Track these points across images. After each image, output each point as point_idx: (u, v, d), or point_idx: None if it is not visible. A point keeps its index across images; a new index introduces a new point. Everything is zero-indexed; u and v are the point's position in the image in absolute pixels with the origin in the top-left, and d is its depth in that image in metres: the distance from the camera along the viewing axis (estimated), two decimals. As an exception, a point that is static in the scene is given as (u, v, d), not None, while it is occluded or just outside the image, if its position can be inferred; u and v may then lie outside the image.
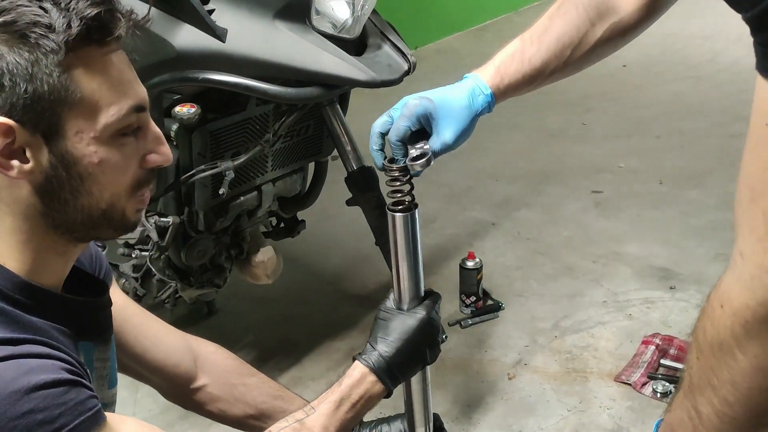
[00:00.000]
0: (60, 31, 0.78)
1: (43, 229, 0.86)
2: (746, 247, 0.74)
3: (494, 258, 2.68)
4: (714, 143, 3.51)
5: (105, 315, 1.01)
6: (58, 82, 0.79)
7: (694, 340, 0.82)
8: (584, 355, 2.16)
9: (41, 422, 0.76)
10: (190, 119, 1.64)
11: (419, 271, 1.09)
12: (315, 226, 2.51)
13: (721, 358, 0.78)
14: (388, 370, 1.03)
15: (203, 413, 1.28)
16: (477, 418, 1.95)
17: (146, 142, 0.89)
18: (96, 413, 0.81)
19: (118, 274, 2.00)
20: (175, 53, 1.59)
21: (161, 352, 1.20)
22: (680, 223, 2.85)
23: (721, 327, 0.77)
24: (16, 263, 0.86)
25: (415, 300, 1.09)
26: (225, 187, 1.78)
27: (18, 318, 0.82)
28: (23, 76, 0.78)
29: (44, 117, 0.80)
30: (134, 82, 0.87)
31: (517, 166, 3.49)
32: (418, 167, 1.04)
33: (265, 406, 1.27)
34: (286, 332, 2.36)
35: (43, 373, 0.78)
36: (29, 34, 0.78)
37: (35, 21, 0.78)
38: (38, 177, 0.83)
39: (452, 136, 1.04)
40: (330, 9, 1.66)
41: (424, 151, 1.04)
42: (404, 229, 1.06)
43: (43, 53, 0.78)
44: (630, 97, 4.30)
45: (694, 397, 0.83)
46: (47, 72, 0.78)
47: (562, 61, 1.09)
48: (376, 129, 1.08)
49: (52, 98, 0.79)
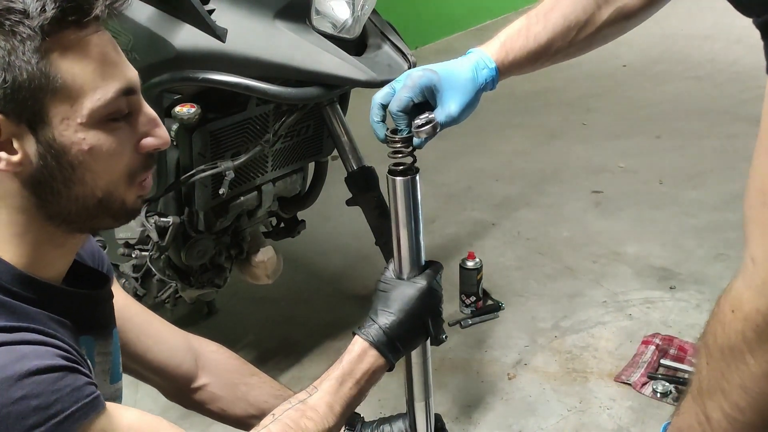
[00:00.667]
0: (35, 15, 0.75)
1: (39, 221, 0.84)
2: (758, 252, 0.73)
3: (494, 258, 2.68)
4: (714, 143, 3.51)
5: (106, 308, 1.00)
6: (38, 69, 0.77)
7: (704, 344, 0.81)
8: (584, 355, 2.16)
9: (36, 408, 0.74)
10: (190, 119, 1.64)
11: (420, 239, 1.07)
12: (315, 226, 2.51)
13: (731, 363, 0.77)
14: (389, 343, 1.00)
15: (204, 412, 1.27)
16: (477, 418, 1.95)
17: (140, 125, 0.86)
18: (93, 400, 0.79)
19: (118, 274, 1.99)
20: (175, 53, 1.59)
21: (163, 352, 1.20)
22: (680, 223, 2.85)
23: (732, 331, 0.76)
24: (14, 256, 0.84)
25: (415, 269, 1.07)
26: (225, 187, 1.78)
27: (15, 308, 0.81)
28: (1, 66, 0.76)
29: (27, 106, 0.77)
30: (120, 64, 0.84)
31: (517, 166, 3.49)
32: (424, 134, 1.01)
33: (267, 406, 1.27)
34: (286, 332, 2.36)
35: (37, 359, 0.76)
36: (3, 22, 0.75)
37: (8, 7, 0.75)
38: (28, 168, 0.81)
39: (457, 108, 1.03)
40: (330, 9, 1.66)
41: (429, 119, 1.02)
42: (405, 194, 1.04)
43: (20, 40, 0.75)
44: (630, 97, 4.31)
45: (703, 402, 0.82)
46: (25, 59, 0.76)
47: (567, 41, 1.08)
48: (377, 100, 1.05)
49: (33, 86, 0.77)
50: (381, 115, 1.05)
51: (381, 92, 1.05)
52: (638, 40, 5.41)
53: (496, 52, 1.07)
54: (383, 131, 1.05)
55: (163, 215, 1.82)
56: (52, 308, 0.85)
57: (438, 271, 1.08)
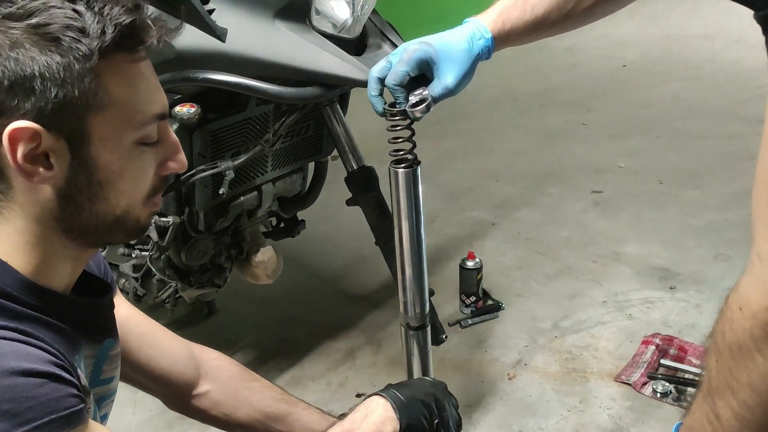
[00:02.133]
0: (94, 36, 0.76)
1: (55, 233, 0.84)
2: (765, 249, 0.73)
3: (494, 258, 2.68)
4: (714, 143, 3.51)
5: (106, 317, 1.00)
6: (89, 88, 0.78)
7: (713, 342, 0.81)
8: (584, 355, 2.16)
9: (6, 413, 0.70)
10: (190, 119, 1.64)
11: (421, 230, 1.10)
12: (315, 226, 2.51)
13: (740, 361, 0.77)
14: (406, 409, 1.02)
15: (207, 420, 1.26)
16: (477, 418, 1.95)
17: (164, 149, 0.88)
18: (71, 414, 0.75)
19: (118, 274, 2.00)
20: (175, 53, 1.59)
21: (165, 360, 1.19)
22: (680, 223, 2.86)
23: (740, 330, 0.76)
24: (23, 263, 0.83)
25: (416, 251, 1.11)
26: (225, 187, 1.78)
27: (12, 310, 0.80)
28: (54, 81, 0.76)
29: (70, 122, 0.78)
30: (158, 90, 0.87)
31: (517, 166, 3.49)
32: (418, 113, 1.03)
33: (270, 410, 1.26)
34: (286, 332, 2.36)
35: (16, 359, 0.73)
36: (62, 38, 0.76)
37: (68, 24, 0.76)
38: (59, 182, 0.81)
39: (454, 80, 1.03)
40: (330, 9, 1.65)
41: (423, 97, 1.03)
42: (406, 185, 1.07)
43: (75, 58, 0.76)
44: (630, 97, 4.31)
45: (713, 401, 0.82)
46: (78, 77, 0.77)
47: (563, 13, 1.08)
48: (374, 74, 1.05)
49: (80, 104, 0.78)
50: (378, 89, 1.06)
51: (377, 66, 1.06)
52: (638, 40, 5.42)
53: (492, 22, 1.08)
54: (381, 105, 1.06)
55: (163, 215, 1.82)
56: (53, 314, 0.85)
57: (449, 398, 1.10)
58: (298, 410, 1.28)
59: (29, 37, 0.75)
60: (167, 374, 1.19)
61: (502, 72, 4.87)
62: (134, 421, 1.94)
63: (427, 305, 1.21)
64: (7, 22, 0.76)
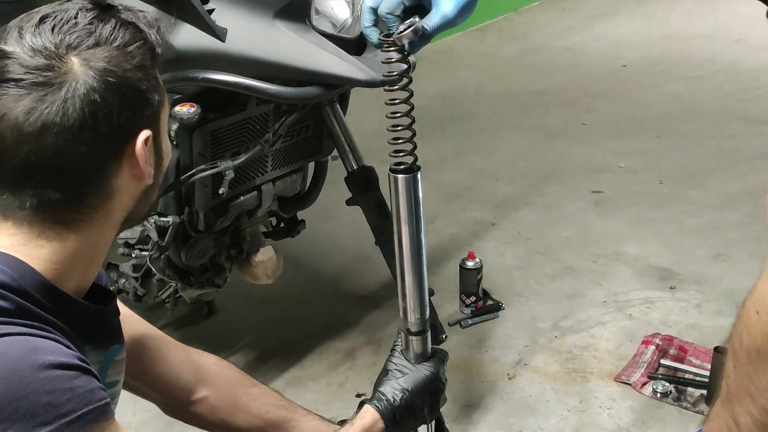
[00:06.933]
0: (156, 46, 0.92)
1: (113, 234, 0.92)
2: None
3: (494, 258, 2.68)
4: (714, 143, 3.51)
5: (113, 323, 1.01)
6: (161, 87, 0.92)
7: (731, 347, 0.80)
8: (584, 355, 2.16)
9: (47, 405, 0.72)
10: (190, 119, 1.64)
11: (421, 237, 1.10)
12: (315, 226, 2.51)
13: (758, 366, 0.75)
14: (394, 418, 1.12)
15: (205, 426, 1.26)
16: (477, 418, 1.95)
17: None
18: (105, 405, 0.78)
19: (118, 274, 1.99)
20: (175, 53, 1.59)
21: (162, 366, 1.19)
22: (680, 223, 2.85)
23: (758, 334, 0.74)
24: (42, 263, 0.84)
25: (416, 257, 1.11)
26: (225, 186, 1.78)
27: (32, 312, 0.81)
28: (156, 89, 0.90)
29: (156, 120, 0.91)
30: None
31: (517, 166, 3.49)
32: (405, 39, 0.98)
33: (269, 416, 1.26)
34: (286, 332, 2.36)
35: (51, 354, 0.75)
36: (156, 49, 0.91)
37: (158, 41, 0.91)
38: (151, 178, 0.91)
39: (453, 8, 0.96)
40: (330, 9, 1.66)
41: (410, 23, 0.98)
42: (406, 192, 1.07)
43: (158, 65, 0.92)
44: (630, 97, 4.31)
45: (732, 407, 0.80)
46: (156, 80, 0.91)
47: None
48: (368, 4, 1.01)
49: (160, 102, 0.91)
50: (372, 19, 1.02)
51: None
52: (638, 40, 5.42)
53: None
54: (376, 35, 1.02)
55: (163, 215, 1.82)
56: (65, 319, 0.85)
57: (445, 361, 1.17)
58: (297, 416, 1.28)
59: (125, 58, 0.86)
60: (163, 380, 1.19)
61: (502, 72, 4.87)
62: (134, 421, 1.94)
63: (428, 311, 1.19)
64: (97, 50, 0.84)
